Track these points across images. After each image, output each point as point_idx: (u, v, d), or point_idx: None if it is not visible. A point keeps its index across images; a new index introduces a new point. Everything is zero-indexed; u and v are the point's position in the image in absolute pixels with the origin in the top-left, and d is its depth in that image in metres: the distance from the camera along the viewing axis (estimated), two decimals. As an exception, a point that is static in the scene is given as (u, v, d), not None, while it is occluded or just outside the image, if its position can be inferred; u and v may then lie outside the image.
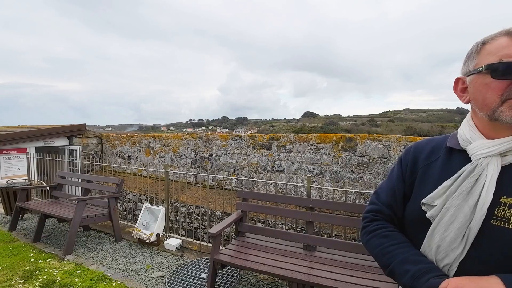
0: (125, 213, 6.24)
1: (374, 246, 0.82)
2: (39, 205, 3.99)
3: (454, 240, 0.68)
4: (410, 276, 0.70)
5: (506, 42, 0.69)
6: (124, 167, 7.20)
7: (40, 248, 3.54)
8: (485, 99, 0.70)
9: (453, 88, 0.81)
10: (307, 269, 2.24)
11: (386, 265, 0.77)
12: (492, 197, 0.67)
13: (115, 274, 2.93)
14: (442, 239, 0.70)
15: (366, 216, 0.91)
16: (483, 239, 0.66)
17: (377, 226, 0.86)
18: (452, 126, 70.01)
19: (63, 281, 2.75)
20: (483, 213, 0.66)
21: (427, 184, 0.78)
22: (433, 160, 0.81)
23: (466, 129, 0.78)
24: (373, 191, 3.18)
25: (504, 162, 0.69)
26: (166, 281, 2.80)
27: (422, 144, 0.87)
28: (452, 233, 0.69)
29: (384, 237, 0.82)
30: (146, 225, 3.78)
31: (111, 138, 7.99)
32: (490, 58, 0.69)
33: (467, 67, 0.76)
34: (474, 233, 0.67)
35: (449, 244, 0.69)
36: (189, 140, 6.59)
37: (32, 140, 6.37)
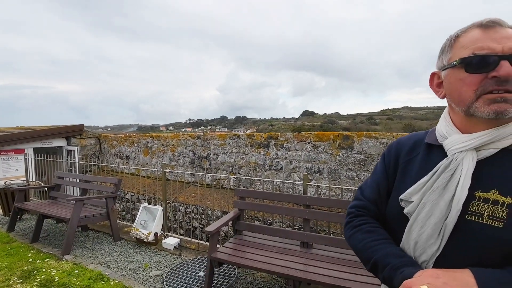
0: (124, 213, 6.24)
1: (358, 241, 0.82)
2: (37, 205, 3.99)
3: (431, 236, 0.68)
4: (390, 267, 0.70)
5: (479, 35, 0.67)
6: (122, 167, 7.20)
7: (39, 248, 3.55)
8: (460, 95, 0.69)
9: (429, 83, 0.79)
10: (304, 266, 2.26)
11: (369, 259, 0.76)
12: (467, 192, 0.66)
13: (113, 273, 2.94)
14: (419, 235, 0.70)
15: (350, 211, 0.91)
16: (458, 235, 0.66)
17: (361, 221, 0.85)
18: (450, 124, 69.96)
19: (61, 281, 2.76)
20: (459, 209, 0.66)
21: (406, 180, 0.78)
22: (413, 156, 0.81)
23: (442, 124, 0.77)
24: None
25: (479, 156, 0.68)
26: (164, 279, 2.81)
27: (404, 140, 0.86)
28: (429, 229, 0.68)
29: (368, 232, 0.81)
30: (144, 224, 3.79)
31: (109, 138, 7.99)
32: (463, 52, 0.68)
33: (441, 61, 0.75)
34: (450, 229, 0.66)
35: (426, 241, 0.68)
36: (187, 140, 6.59)
37: (30, 141, 6.36)
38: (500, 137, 0.66)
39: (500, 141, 0.67)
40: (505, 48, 0.64)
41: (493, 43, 0.65)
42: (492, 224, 0.63)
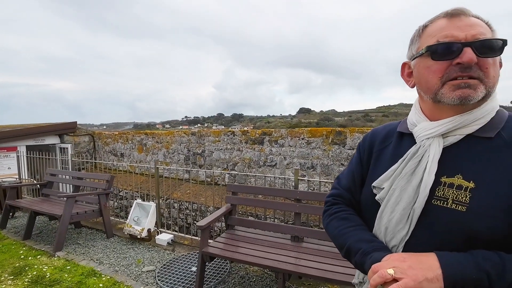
0: (118, 210, 6.22)
1: (333, 228, 0.84)
2: (29, 203, 3.97)
3: (400, 221, 0.69)
4: (361, 252, 0.72)
5: (445, 23, 0.69)
6: (117, 164, 7.17)
7: (31, 245, 3.53)
8: (428, 82, 0.70)
9: (400, 73, 0.81)
10: (295, 260, 2.28)
11: (343, 245, 0.78)
12: (434, 178, 0.67)
13: (106, 269, 2.94)
14: (389, 220, 0.71)
15: (327, 200, 0.93)
16: (426, 220, 0.67)
17: (336, 209, 0.88)
18: (445, 121, 70.57)
19: (53, 277, 2.76)
20: (426, 194, 0.67)
21: (379, 168, 0.80)
22: (386, 144, 0.83)
23: (413, 113, 0.79)
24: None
25: (446, 143, 0.69)
26: (157, 275, 2.82)
27: (379, 130, 0.89)
28: (398, 214, 0.70)
29: (343, 219, 0.83)
30: (137, 220, 3.78)
31: (103, 135, 7.94)
32: (430, 40, 0.69)
33: (411, 51, 0.76)
34: (417, 213, 0.67)
35: (395, 225, 0.70)
36: (182, 137, 6.58)
37: (22, 138, 6.30)
38: (465, 123, 0.68)
39: (465, 127, 0.68)
40: (468, 35, 0.65)
41: (457, 31, 0.66)
42: (455, 208, 0.64)
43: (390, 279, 0.59)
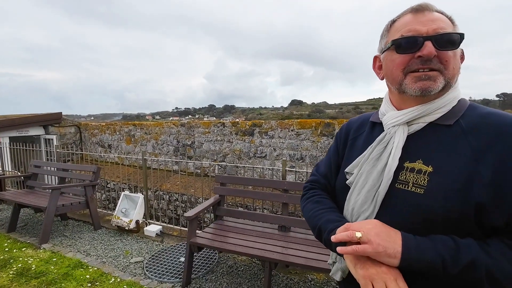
0: (106, 202, 6.16)
1: (308, 210, 0.89)
2: (13, 195, 3.87)
3: (365, 203, 0.73)
4: (328, 231, 0.76)
5: (410, 19, 0.72)
6: (105, 155, 7.05)
7: (15, 238, 3.47)
8: (393, 74, 0.74)
9: (372, 66, 0.85)
10: (282, 249, 2.32)
11: (315, 226, 0.83)
12: (397, 162, 0.71)
13: (93, 260, 2.93)
14: (355, 202, 0.76)
15: (305, 186, 0.98)
16: (389, 202, 0.71)
17: (312, 193, 0.93)
18: (433, 113, 72.21)
19: (39, 269, 2.73)
20: (390, 177, 0.71)
21: (352, 155, 0.84)
22: (360, 133, 0.87)
23: (383, 103, 0.84)
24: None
25: (410, 130, 0.73)
26: (145, 265, 2.82)
27: (354, 120, 0.94)
28: (363, 196, 0.74)
29: (316, 203, 0.88)
30: (125, 212, 3.76)
31: (90, 126, 7.76)
32: (396, 35, 0.73)
33: (381, 45, 0.80)
34: (382, 196, 0.71)
35: (361, 206, 0.74)
36: (171, 128, 6.50)
37: (5, 129, 6.10)
38: (427, 112, 0.72)
39: (428, 116, 0.72)
40: (429, 30, 0.69)
41: (419, 25, 0.70)
42: (415, 191, 0.68)
43: (355, 240, 0.64)
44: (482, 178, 0.61)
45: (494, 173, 0.61)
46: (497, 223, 0.61)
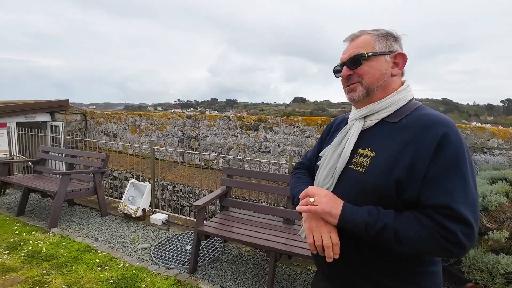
0: (110, 190, 6.24)
1: (291, 185, 1.14)
2: (22, 179, 3.95)
3: (326, 177, 0.96)
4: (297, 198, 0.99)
5: (344, 48, 0.99)
6: (109, 143, 7.12)
7: (24, 221, 3.55)
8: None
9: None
10: (286, 240, 2.39)
11: (293, 196, 1.07)
12: (352, 148, 0.92)
13: (101, 245, 3.01)
14: (320, 177, 0.98)
15: (294, 167, 1.25)
16: (343, 178, 0.92)
17: (296, 172, 1.20)
18: (436, 116, 71.72)
19: (49, 252, 2.81)
20: (345, 159, 0.92)
21: (329, 144, 1.06)
22: (339, 127, 1.07)
23: (353, 106, 1.06)
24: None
25: (365, 125, 0.94)
26: (152, 252, 2.91)
27: (339, 117, 1.16)
28: (325, 172, 0.96)
29: (297, 178, 1.14)
30: (132, 200, 3.83)
31: (95, 115, 7.82)
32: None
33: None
34: (338, 173, 0.93)
35: (323, 180, 0.96)
36: (177, 119, 6.55)
37: (13, 115, 6.16)
38: (374, 111, 0.93)
39: (377, 114, 0.93)
40: (344, 58, 0.96)
41: (344, 54, 0.98)
42: (359, 170, 0.88)
43: (310, 204, 0.88)
44: (404, 161, 0.80)
45: (411, 157, 0.79)
46: (410, 197, 0.79)
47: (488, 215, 2.55)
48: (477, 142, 3.66)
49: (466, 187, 0.76)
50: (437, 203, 0.76)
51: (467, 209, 0.74)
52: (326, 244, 0.86)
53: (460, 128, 3.77)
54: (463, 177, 0.77)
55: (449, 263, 2.63)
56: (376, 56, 0.92)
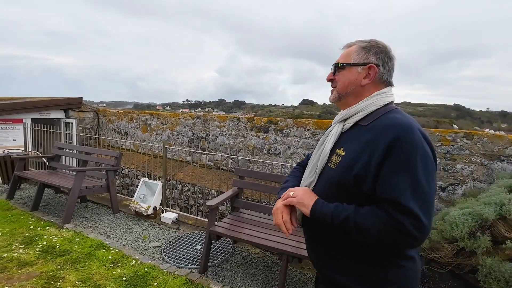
0: (120, 188, 6.33)
1: (285, 181, 1.29)
2: (37, 174, 4.04)
3: (310, 173, 1.09)
4: (280, 190, 1.19)
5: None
6: (121, 141, 7.22)
7: (39, 216, 3.63)
8: None
9: None
10: (297, 243, 2.38)
11: (282, 188, 1.22)
12: (331, 147, 1.04)
13: (113, 242, 3.05)
14: (306, 172, 1.13)
15: (295, 166, 1.40)
16: (323, 174, 1.05)
17: (295, 169, 1.35)
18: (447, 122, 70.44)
19: (63, 247, 2.86)
20: (324, 157, 1.05)
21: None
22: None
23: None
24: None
25: (344, 128, 1.06)
26: (163, 250, 2.93)
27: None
28: (309, 169, 1.10)
29: (292, 173, 1.31)
30: (143, 198, 3.88)
31: (108, 113, 7.95)
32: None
33: None
34: (319, 169, 1.06)
35: (308, 175, 1.10)
36: (187, 119, 6.61)
37: (29, 111, 6.31)
38: (349, 115, 1.05)
39: (352, 117, 1.04)
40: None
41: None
42: (332, 167, 1.01)
43: (290, 196, 1.05)
44: (362, 159, 0.91)
45: (368, 156, 0.90)
46: (367, 191, 0.91)
47: (506, 224, 2.49)
48: (494, 150, 3.58)
49: (415, 184, 0.85)
50: (388, 197, 0.86)
51: (414, 203, 0.84)
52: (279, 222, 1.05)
53: (477, 135, 3.69)
54: (412, 175, 0.86)
55: (464, 271, 2.58)
56: (349, 67, 1.05)
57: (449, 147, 3.83)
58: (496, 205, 2.55)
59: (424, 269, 2.80)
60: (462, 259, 2.52)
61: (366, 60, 1.03)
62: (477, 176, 3.70)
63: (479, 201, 2.78)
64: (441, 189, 3.90)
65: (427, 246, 2.71)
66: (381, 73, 1.03)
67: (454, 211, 2.68)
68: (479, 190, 3.54)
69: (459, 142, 3.78)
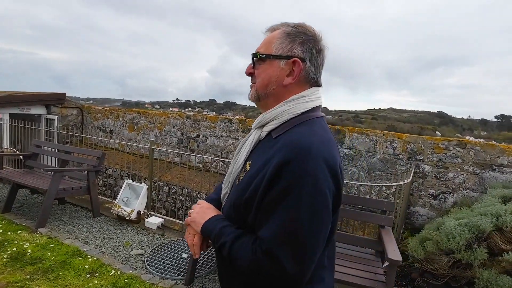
0: (103, 188, 6.03)
1: None
2: (11, 174, 3.75)
3: (224, 184, 0.92)
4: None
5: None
6: (105, 140, 6.92)
7: (10, 219, 3.35)
8: None
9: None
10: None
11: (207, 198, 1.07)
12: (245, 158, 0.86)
13: (91, 249, 2.83)
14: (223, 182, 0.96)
15: None
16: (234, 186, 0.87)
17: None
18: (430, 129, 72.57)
19: (34, 255, 2.62)
20: (237, 169, 0.87)
21: None
22: None
23: None
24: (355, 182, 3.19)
25: (261, 136, 0.85)
26: (146, 259, 2.73)
27: None
28: (225, 179, 0.92)
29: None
30: (126, 201, 3.66)
31: (92, 110, 7.62)
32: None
33: None
34: (231, 181, 0.88)
35: (223, 186, 0.93)
36: (176, 119, 6.39)
37: (7, 106, 5.93)
38: (264, 121, 0.84)
39: (266, 126, 0.84)
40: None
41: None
42: (236, 183, 0.85)
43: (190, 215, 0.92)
44: (257, 182, 0.74)
45: (261, 178, 0.73)
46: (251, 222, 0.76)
47: (503, 236, 2.44)
48: (486, 158, 3.57)
49: (291, 226, 0.68)
50: (260, 235, 0.72)
51: (283, 249, 0.68)
52: (189, 243, 0.90)
53: (469, 144, 3.68)
54: (289, 214, 0.68)
55: (460, 283, 2.51)
56: (270, 59, 0.82)
57: (442, 155, 3.80)
58: (492, 216, 2.50)
59: (419, 280, 2.73)
60: (458, 271, 2.45)
61: (290, 52, 0.80)
62: (469, 185, 3.68)
63: (475, 212, 2.73)
64: (432, 197, 3.87)
65: (422, 257, 2.64)
66: (307, 70, 0.81)
67: (450, 222, 2.61)
68: (472, 199, 3.52)
69: (451, 150, 3.76)
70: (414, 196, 3.94)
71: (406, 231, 3.77)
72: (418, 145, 3.94)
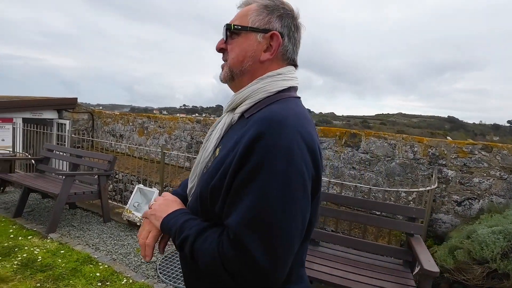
0: (113, 193, 5.99)
1: None
2: (23, 178, 3.72)
3: (190, 177, 0.81)
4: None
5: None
6: (115, 145, 6.91)
7: (21, 224, 3.30)
8: None
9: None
10: (308, 263, 2.13)
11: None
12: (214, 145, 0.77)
13: (102, 256, 2.74)
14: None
15: None
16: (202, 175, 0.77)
17: None
18: (441, 134, 71.31)
19: (45, 261, 2.54)
20: (206, 158, 0.77)
21: None
22: None
23: None
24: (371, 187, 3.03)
25: (233, 120, 0.76)
26: (158, 267, 2.62)
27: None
28: (193, 168, 0.82)
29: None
30: (137, 207, 3.57)
31: (103, 115, 7.65)
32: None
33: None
34: (199, 171, 0.78)
35: (190, 176, 0.82)
36: (186, 124, 6.35)
37: (20, 110, 5.99)
38: (236, 102, 0.75)
39: (239, 107, 0.74)
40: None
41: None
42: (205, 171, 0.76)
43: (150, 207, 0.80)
44: (226, 165, 0.64)
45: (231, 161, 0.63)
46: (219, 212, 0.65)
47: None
48: (515, 163, 3.37)
49: (261, 209, 0.58)
50: (227, 223, 0.62)
51: (251, 236, 0.58)
52: (141, 242, 0.77)
53: (496, 147, 3.49)
54: (260, 195, 0.58)
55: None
56: (246, 32, 0.73)
57: (466, 159, 3.62)
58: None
59: (449, 293, 2.54)
60: (494, 282, 2.26)
61: (268, 25, 0.73)
62: (496, 191, 3.48)
63: (508, 219, 2.55)
64: (456, 204, 3.67)
65: (452, 267, 2.46)
66: (285, 46, 0.75)
67: (482, 229, 2.43)
68: (500, 206, 3.31)
69: (477, 154, 3.57)
70: (437, 202, 3.75)
71: (428, 239, 3.57)
72: (440, 149, 3.76)
